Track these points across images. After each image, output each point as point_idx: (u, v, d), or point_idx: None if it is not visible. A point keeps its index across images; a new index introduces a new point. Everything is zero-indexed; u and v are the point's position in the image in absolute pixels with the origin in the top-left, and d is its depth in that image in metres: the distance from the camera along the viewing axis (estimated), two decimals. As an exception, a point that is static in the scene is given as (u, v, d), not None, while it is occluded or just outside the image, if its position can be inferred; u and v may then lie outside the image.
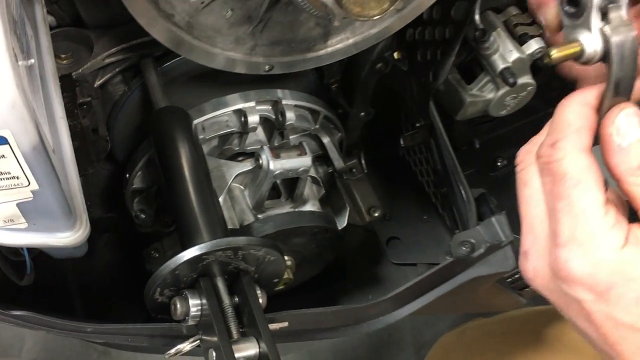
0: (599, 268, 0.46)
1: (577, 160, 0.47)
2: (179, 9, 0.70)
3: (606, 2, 0.48)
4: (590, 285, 0.46)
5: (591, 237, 0.46)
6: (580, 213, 0.46)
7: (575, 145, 0.48)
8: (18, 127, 0.48)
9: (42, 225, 0.57)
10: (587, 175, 0.47)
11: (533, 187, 0.51)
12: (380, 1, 0.60)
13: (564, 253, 0.47)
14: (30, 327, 0.61)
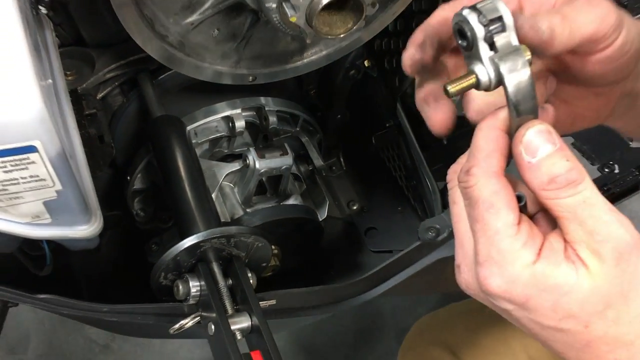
0: (514, 284, 0.48)
1: (487, 185, 0.49)
2: (172, 30, 0.80)
3: (490, 32, 0.48)
4: (509, 299, 0.49)
5: (504, 256, 0.48)
6: (494, 234, 0.48)
7: (486, 170, 0.49)
8: (45, 137, 0.57)
9: (64, 220, 0.67)
10: (497, 199, 0.49)
11: (460, 206, 0.53)
12: (345, 22, 0.71)
13: (483, 271, 0.49)
14: (54, 309, 0.71)
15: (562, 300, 0.48)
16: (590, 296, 0.48)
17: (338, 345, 1.73)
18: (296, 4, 0.67)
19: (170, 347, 1.69)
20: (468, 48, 0.49)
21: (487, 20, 0.47)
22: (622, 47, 0.52)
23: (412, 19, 0.95)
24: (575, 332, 0.49)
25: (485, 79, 0.48)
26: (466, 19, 0.47)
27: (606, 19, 0.50)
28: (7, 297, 0.71)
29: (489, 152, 0.50)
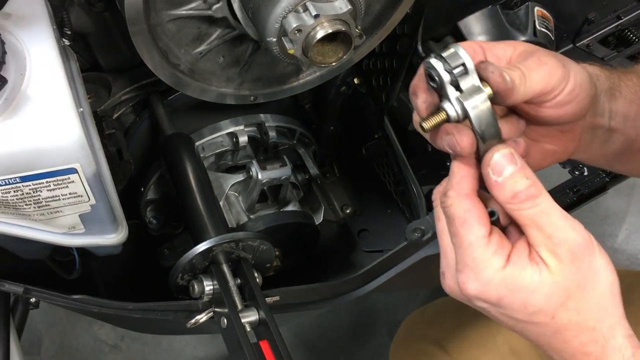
0: (487, 286, 0.57)
1: (460, 204, 0.58)
2: (183, 59, 0.90)
3: (454, 77, 0.56)
4: (485, 299, 0.58)
5: (478, 263, 0.57)
6: (468, 246, 0.57)
7: (459, 192, 0.58)
8: (84, 160, 0.68)
9: (96, 229, 0.77)
10: (469, 216, 0.57)
11: (442, 222, 0.62)
12: (336, 51, 0.81)
13: (461, 277, 0.59)
14: (86, 308, 0.81)
15: (530, 297, 0.57)
16: (553, 291, 0.57)
17: (334, 340, 1.83)
18: (293, 38, 0.77)
19: (177, 346, 1.79)
20: (437, 90, 0.58)
21: (451, 67, 0.56)
22: (570, 93, 0.62)
23: (396, 41, 1.05)
24: (544, 323, 0.59)
25: (454, 115, 0.57)
26: (434, 66, 0.57)
27: (553, 74, 0.60)
28: (44, 299, 0.81)
29: (461, 177, 0.59)
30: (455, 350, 1.23)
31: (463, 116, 0.57)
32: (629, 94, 0.74)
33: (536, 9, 1.17)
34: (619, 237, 1.99)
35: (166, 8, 0.82)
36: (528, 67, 0.60)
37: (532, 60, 0.61)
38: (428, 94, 0.61)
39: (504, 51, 0.64)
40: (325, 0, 0.76)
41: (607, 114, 0.72)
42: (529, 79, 0.59)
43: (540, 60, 0.61)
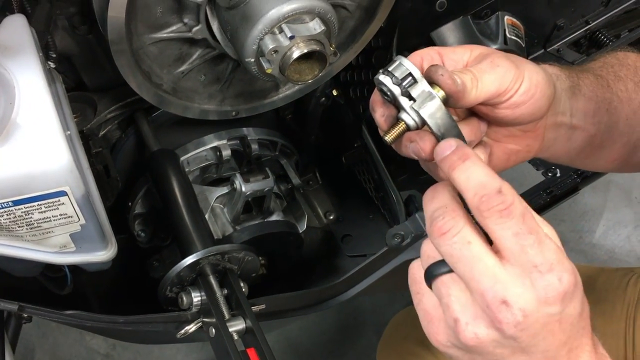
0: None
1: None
2: (166, 79, 0.93)
3: (405, 88, 0.58)
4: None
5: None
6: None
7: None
8: (73, 183, 0.71)
9: (86, 247, 0.80)
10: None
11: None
12: (312, 69, 0.84)
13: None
14: (79, 322, 0.84)
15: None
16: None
17: (323, 342, 1.87)
18: (271, 58, 0.80)
19: (168, 353, 1.82)
20: (392, 102, 0.61)
21: (399, 80, 0.58)
22: (525, 94, 0.64)
23: (372, 54, 1.09)
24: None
25: (412, 123, 0.60)
26: (383, 82, 0.59)
27: (506, 75, 0.62)
28: (37, 315, 0.84)
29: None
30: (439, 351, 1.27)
31: (421, 123, 0.59)
32: (587, 91, 0.77)
33: (506, 17, 1.22)
34: (597, 232, 2.05)
35: (147, 32, 0.85)
36: (480, 70, 0.62)
37: (485, 63, 0.63)
38: (385, 108, 0.63)
39: (460, 55, 0.66)
40: (299, 22, 0.79)
41: (568, 112, 0.74)
42: (481, 82, 0.61)
43: (493, 62, 0.63)
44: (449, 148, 0.57)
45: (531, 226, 0.53)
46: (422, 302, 0.58)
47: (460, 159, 0.56)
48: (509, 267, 0.53)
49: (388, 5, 0.96)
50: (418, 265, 0.60)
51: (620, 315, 1.17)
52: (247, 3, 0.80)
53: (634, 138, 0.82)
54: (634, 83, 0.83)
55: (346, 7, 0.95)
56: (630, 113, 0.81)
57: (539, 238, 0.53)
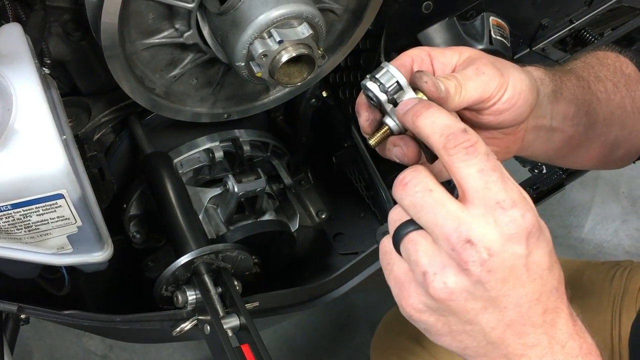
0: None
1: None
2: (158, 83, 0.95)
3: (390, 95, 0.61)
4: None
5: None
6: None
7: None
8: (70, 186, 0.73)
9: (83, 249, 0.82)
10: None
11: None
12: (301, 72, 0.87)
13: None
14: (77, 322, 0.86)
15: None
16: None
17: (317, 339, 1.89)
18: (260, 62, 0.82)
19: (165, 353, 1.84)
20: (378, 107, 0.63)
21: (385, 87, 0.61)
22: (508, 101, 0.66)
23: (360, 56, 1.12)
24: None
25: (396, 128, 0.62)
26: (370, 89, 0.61)
27: (490, 83, 0.64)
28: (36, 315, 0.86)
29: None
30: (432, 346, 1.28)
31: (404, 128, 0.61)
32: (569, 94, 0.79)
33: (491, 18, 1.24)
34: (585, 227, 2.08)
35: (140, 38, 0.87)
36: (465, 77, 0.64)
37: (470, 70, 0.64)
38: (370, 112, 0.65)
39: (450, 58, 0.68)
40: (288, 26, 0.82)
41: (549, 115, 0.76)
42: (465, 88, 0.63)
43: (478, 70, 0.64)
44: (412, 102, 0.59)
45: (495, 164, 0.54)
46: (393, 271, 0.58)
47: (423, 107, 0.57)
48: (471, 209, 0.53)
49: (375, 7, 0.99)
50: (388, 239, 0.60)
51: (606, 308, 1.19)
52: (236, 9, 0.82)
53: (611, 137, 0.85)
54: (613, 83, 0.85)
55: (334, 11, 0.98)
56: (608, 113, 0.83)
57: (503, 176, 0.54)
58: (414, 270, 0.55)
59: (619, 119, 0.85)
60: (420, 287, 0.55)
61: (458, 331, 0.57)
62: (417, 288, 0.56)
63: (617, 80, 0.86)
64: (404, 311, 0.58)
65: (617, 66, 0.88)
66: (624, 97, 0.86)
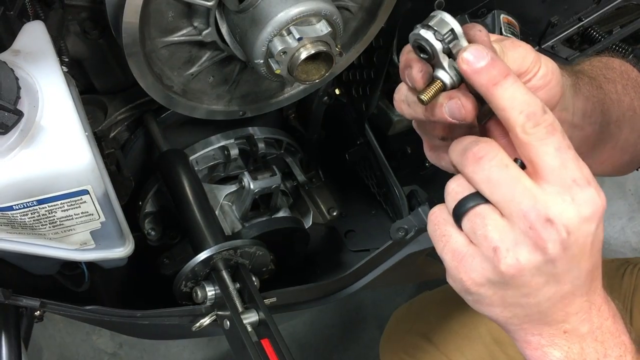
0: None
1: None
2: (176, 81, 0.96)
3: (446, 44, 0.55)
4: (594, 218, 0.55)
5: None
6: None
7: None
8: (94, 182, 0.74)
9: (105, 245, 0.83)
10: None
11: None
12: (319, 70, 0.88)
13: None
14: (98, 317, 0.86)
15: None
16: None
17: (326, 337, 1.90)
18: (279, 59, 0.83)
19: (174, 350, 1.84)
20: (429, 60, 0.57)
21: (442, 35, 0.56)
22: (543, 77, 0.64)
23: (373, 53, 1.12)
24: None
25: (450, 82, 0.57)
26: (424, 37, 0.56)
27: (527, 56, 0.63)
28: (58, 311, 0.87)
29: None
30: (441, 342, 1.29)
31: (459, 82, 0.57)
32: (586, 91, 0.78)
33: (502, 16, 1.25)
34: (592, 224, 2.08)
35: (160, 36, 0.88)
36: (505, 46, 0.61)
37: (507, 42, 0.63)
38: (422, 64, 0.59)
39: (480, 34, 0.64)
40: (307, 24, 0.83)
41: (571, 109, 0.75)
42: (506, 57, 0.61)
43: (514, 42, 0.63)
44: (483, 57, 0.54)
45: (569, 143, 0.54)
46: (450, 243, 0.57)
47: (500, 74, 0.54)
48: (546, 187, 0.53)
49: (389, 6, 1.00)
50: (440, 209, 0.59)
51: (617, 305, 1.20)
52: (256, 7, 0.83)
53: (621, 140, 0.85)
54: (622, 85, 0.86)
55: (349, 9, 0.98)
56: (620, 115, 0.83)
57: (576, 155, 0.54)
58: (480, 244, 0.55)
59: (629, 121, 0.85)
60: (487, 262, 0.55)
61: (512, 303, 0.57)
62: (483, 262, 0.55)
63: (625, 83, 0.87)
64: (461, 283, 0.57)
65: (623, 70, 0.89)
66: (632, 99, 0.86)
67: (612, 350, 0.59)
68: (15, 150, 0.68)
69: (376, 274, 1.12)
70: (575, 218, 0.52)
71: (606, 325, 0.59)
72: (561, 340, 0.58)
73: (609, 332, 0.59)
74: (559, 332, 0.58)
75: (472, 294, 0.57)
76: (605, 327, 0.59)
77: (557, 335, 0.58)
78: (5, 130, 0.65)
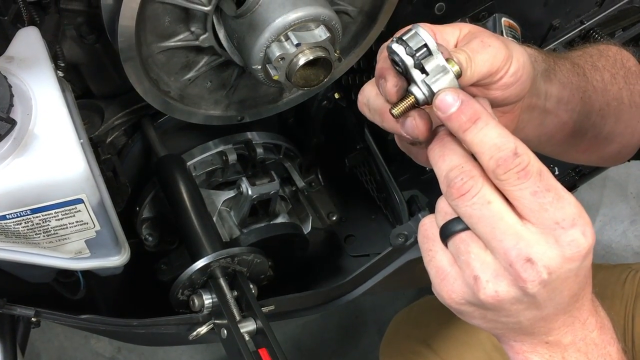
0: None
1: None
2: (173, 86, 0.95)
3: (418, 60, 0.54)
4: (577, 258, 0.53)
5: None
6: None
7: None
8: (89, 190, 0.72)
9: (100, 253, 0.81)
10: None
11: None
12: (317, 76, 0.86)
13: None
14: (93, 326, 0.85)
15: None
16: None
17: (325, 342, 1.89)
18: (277, 65, 0.82)
19: (173, 355, 1.83)
20: (404, 74, 0.57)
21: (413, 50, 0.54)
22: (515, 74, 0.63)
23: (373, 57, 1.11)
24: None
25: (422, 97, 0.56)
26: (395, 51, 0.55)
27: (497, 55, 0.61)
28: (53, 320, 0.86)
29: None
30: (441, 349, 1.28)
31: (431, 98, 0.56)
32: (563, 77, 0.77)
33: (503, 19, 1.24)
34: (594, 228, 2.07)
35: (156, 41, 0.87)
36: (473, 50, 0.60)
37: (476, 43, 0.61)
38: (398, 78, 0.59)
39: (451, 34, 0.64)
40: (305, 29, 0.81)
41: (543, 95, 0.74)
42: (474, 62, 0.59)
43: (484, 42, 0.61)
44: (451, 104, 0.54)
45: (549, 183, 0.52)
46: (435, 259, 0.57)
47: (470, 120, 0.54)
48: (530, 226, 0.52)
49: (389, 10, 0.99)
50: (430, 222, 0.59)
51: (619, 312, 1.19)
52: (253, 12, 0.82)
53: (605, 130, 0.83)
54: (611, 74, 0.84)
55: (348, 13, 0.97)
56: (604, 104, 0.82)
57: (558, 194, 0.52)
58: (462, 270, 0.55)
59: (615, 111, 0.84)
60: (468, 288, 0.55)
61: (492, 320, 0.58)
62: (464, 287, 0.56)
63: (615, 72, 0.85)
64: (441, 299, 0.58)
65: (618, 58, 0.87)
66: (621, 89, 0.84)
67: None
68: (8, 159, 0.67)
69: (376, 280, 1.11)
70: (557, 259, 0.52)
71: (591, 337, 0.59)
72: (543, 349, 0.59)
73: (593, 344, 0.59)
74: (541, 343, 0.59)
75: (453, 308, 0.58)
76: (590, 339, 0.59)
77: (539, 345, 0.59)
78: (-2, 139, 0.64)
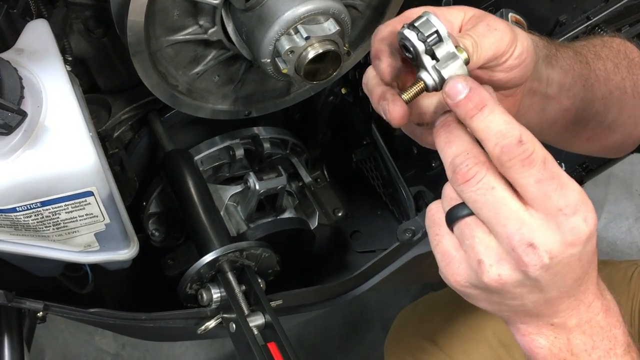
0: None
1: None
2: (181, 80, 0.95)
3: (429, 45, 0.56)
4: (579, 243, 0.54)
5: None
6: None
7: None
8: (99, 183, 0.72)
9: (109, 246, 0.81)
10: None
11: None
12: (326, 70, 0.86)
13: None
14: (102, 320, 0.85)
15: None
16: None
17: (330, 338, 1.89)
18: (286, 59, 0.82)
19: (178, 351, 1.83)
20: (413, 60, 0.58)
21: (425, 36, 0.56)
22: (519, 56, 0.64)
23: (380, 52, 1.11)
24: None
25: (432, 83, 0.58)
26: (407, 37, 0.56)
27: (503, 38, 0.62)
28: (62, 313, 0.85)
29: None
30: (447, 345, 1.28)
31: (441, 84, 0.57)
32: (565, 64, 0.77)
33: (510, 14, 1.23)
34: (599, 225, 2.06)
35: (165, 35, 0.87)
36: (479, 34, 0.61)
37: (482, 26, 0.62)
38: (393, 59, 0.61)
39: (456, 17, 0.65)
40: (314, 22, 0.81)
41: (544, 80, 0.74)
42: (481, 46, 0.61)
43: (489, 25, 0.62)
44: (460, 91, 0.55)
45: (553, 171, 0.53)
46: (442, 244, 0.58)
47: (477, 106, 0.55)
48: (533, 212, 0.53)
49: (397, 3, 0.98)
50: (437, 207, 0.60)
51: (625, 308, 1.19)
52: (262, 5, 0.81)
53: (608, 119, 0.83)
54: (614, 64, 0.84)
55: (356, 7, 0.97)
56: (606, 92, 0.82)
57: (561, 182, 0.53)
58: (467, 253, 0.56)
59: (618, 100, 0.84)
60: (472, 271, 0.56)
61: (497, 303, 0.59)
62: (468, 270, 0.57)
63: (618, 62, 0.85)
64: (447, 281, 0.59)
65: (622, 49, 0.87)
66: (624, 78, 0.85)
67: (601, 342, 0.60)
68: (18, 151, 0.67)
69: (383, 275, 1.11)
70: (559, 244, 0.53)
71: (596, 320, 0.60)
72: (548, 331, 0.60)
73: (598, 326, 0.60)
74: (546, 325, 0.60)
75: (459, 290, 0.59)
76: (595, 322, 0.60)
77: (544, 327, 0.60)
78: (9, 131, 0.64)
